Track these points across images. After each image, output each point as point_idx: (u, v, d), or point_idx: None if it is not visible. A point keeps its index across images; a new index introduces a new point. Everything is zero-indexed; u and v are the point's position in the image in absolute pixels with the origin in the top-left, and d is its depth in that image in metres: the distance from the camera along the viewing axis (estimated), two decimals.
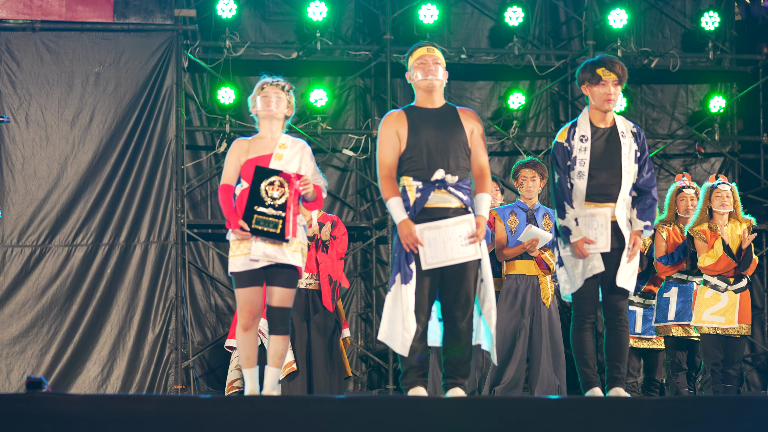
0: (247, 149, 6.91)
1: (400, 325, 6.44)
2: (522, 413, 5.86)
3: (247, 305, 6.81)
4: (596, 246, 6.95)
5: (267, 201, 6.76)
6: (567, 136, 6.98)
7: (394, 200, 6.51)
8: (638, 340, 9.58)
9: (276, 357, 6.85)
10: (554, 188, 6.98)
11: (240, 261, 6.78)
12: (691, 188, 9.40)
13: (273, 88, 6.94)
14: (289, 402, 6.06)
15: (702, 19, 12.90)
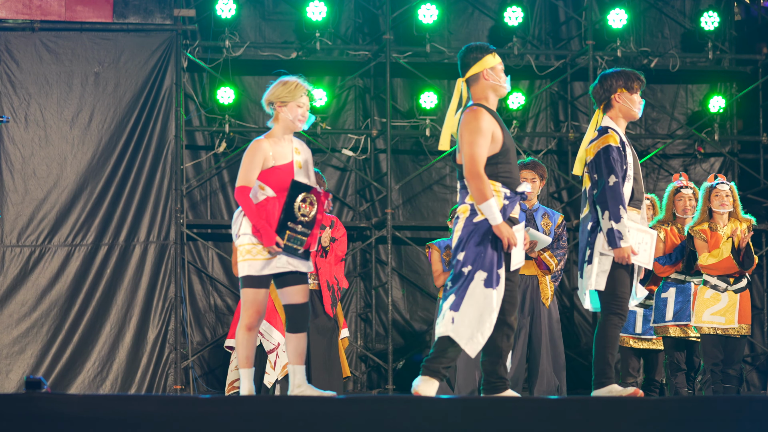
0: (270, 154, 6.85)
1: (477, 325, 6.41)
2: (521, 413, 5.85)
3: (255, 305, 6.82)
4: (638, 258, 7.03)
5: (298, 218, 6.79)
6: (619, 140, 7.01)
7: (493, 200, 6.49)
8: (638, 341, 9.58)
9: (301, 355, 6.88)
10: (607, 191, 6.94)
11: (260, 265, 6.78)
12: (688, 188, 9.39)
13: (307, 100, 6.94)
14: (289, 402, 6.06)
15: (701, 19, 12.89)
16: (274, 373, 9.01)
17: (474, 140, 6.51)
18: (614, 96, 7.14)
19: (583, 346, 12.76)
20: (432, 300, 12.26)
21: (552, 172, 12.93)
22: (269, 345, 9.05)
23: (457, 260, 6.53)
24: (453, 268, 6.56)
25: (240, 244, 6.84)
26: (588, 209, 7.06)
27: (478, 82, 6.68)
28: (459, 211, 6.64)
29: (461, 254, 6.52)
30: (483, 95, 6.67)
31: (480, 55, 6.67)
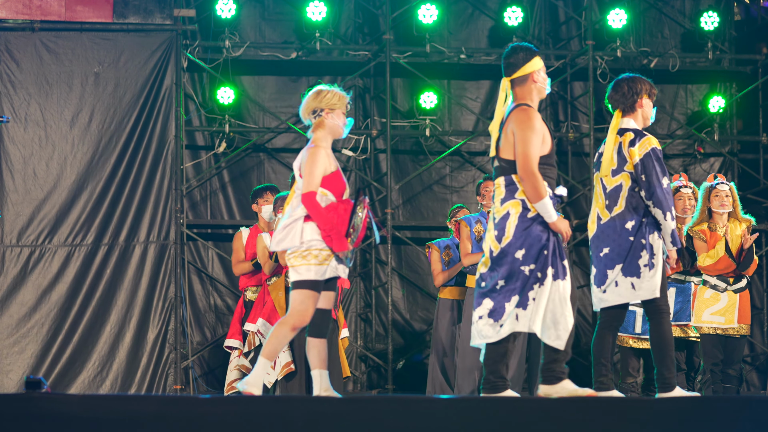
0: (328, 160, 6.96)
1: (560, 318, 6.50)
2: (521, 413, 5.86)
3: (312, 308, 6.82)
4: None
5: (355, 224, 6.91)
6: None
7: (548, 199, 6.56)
8: (638, 341, 9.58)
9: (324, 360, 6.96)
10: (663, 192, 7.00)
11: (323, 270, 6.81)
12: (688, 188, 9.39)
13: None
14: (288, 402, 6.06)
15: (701, 19, 12.89)
16: (274, 373, 9.01)
17: (529, 139, 6.57)
18: (640, 100, 7.17)
19: (583, 346, 12.75)
20: (432, 300, 12.26)
21: None
22: None
23: (514, 258, 6.55)
24: (502, 265, 6.56)
25: (307, 249, 6.82)
26: (622, 208, 7.05)
27: (526, 84, 6.72)
28: (507, 207, 6.63)
29: (519, 252, 6.55)
30: (528, 96, 6.73)
31: (530, 56, 6.72)
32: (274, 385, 9.04)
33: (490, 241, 6.62)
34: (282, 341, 6.85)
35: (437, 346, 9.89)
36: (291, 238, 6.82)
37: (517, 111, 6.67)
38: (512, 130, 6.61)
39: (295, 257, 6.81)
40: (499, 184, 6.67)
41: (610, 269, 7.03)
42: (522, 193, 6.58)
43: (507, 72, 6.74)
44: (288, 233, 6.84)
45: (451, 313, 9.90)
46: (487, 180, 9.80)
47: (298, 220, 6.82)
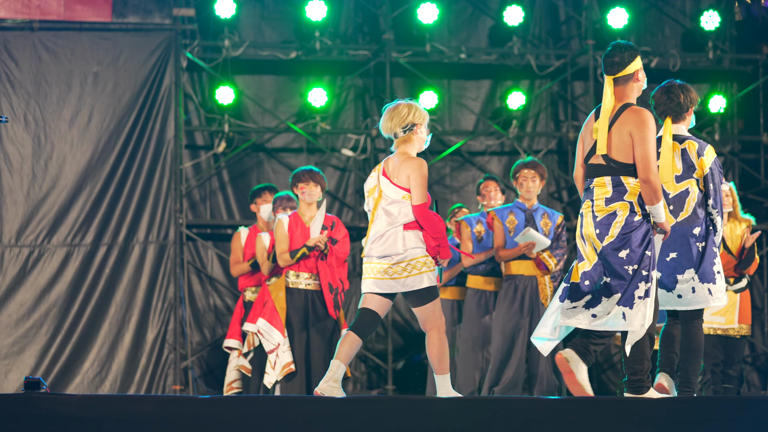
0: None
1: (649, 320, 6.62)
2: (521, 413, 5.85)
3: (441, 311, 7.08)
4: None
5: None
6: None
7: (663, 203, 6.67)
8: None
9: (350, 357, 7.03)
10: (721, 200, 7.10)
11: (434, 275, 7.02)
12: None
13: None
14: (288, 402, 6.05)
15: (702, 18, 12.88)
16: (274, 373, 9.00)
17: (649, 140, 6.64)
18: (690, 110, 7.22)
19: None
20: None
21: (552, 172, 12.92)
22: (269, 345, 9.03)
23: (619, 257, 6.63)
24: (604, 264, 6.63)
25: (412, 258, 6.97)
26: (688, 214, 7.07)
27: (629, 83, 6.82)
28: (614, 208, 6.68)
29: (623, 252, 6.64)
30: (630, 95, 6.81)
31: (634, 54, 6.86)
32: (274, 385, 9.02)
33: (590, 238, 6.69)
34: (445, 348, 7.00)
35: None
36: (391, 245, 6.98)
37: (632, 112, 6.72)
38: (629, 132, 6.66)
39: (403, 268, 6.98)
40: (604, 183, 6.70)
41: (680, 274, 7.06)
42: (631, 195, 6.66)
43: (611, 70, 6.85)
44: (387, 241, 7.00)
45: (451, 314, 9.88)
46: (487, 180, 9.78)
47: (398, 228, 6.98)
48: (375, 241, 7.01)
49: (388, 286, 6.96)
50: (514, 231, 9.14)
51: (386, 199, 7.02)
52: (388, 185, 7.02)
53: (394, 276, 6.93)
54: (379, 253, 6.98)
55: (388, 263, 6.94)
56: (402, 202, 6.98)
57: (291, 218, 9.18)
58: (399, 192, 6.99)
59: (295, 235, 9.13)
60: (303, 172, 9.24)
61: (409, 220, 6.97)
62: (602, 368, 12.70)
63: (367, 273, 7.03)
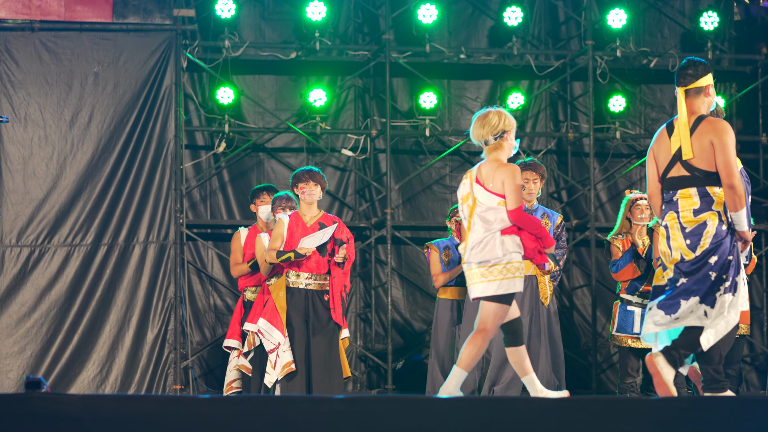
0: None
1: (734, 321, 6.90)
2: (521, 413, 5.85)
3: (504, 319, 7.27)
4: None
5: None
6: None
7: (746, 210, 6.90)
8: (637, 340, 9.58)
9: (528, 367, 7.29)
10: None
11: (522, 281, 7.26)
12: None
13: None
14: (288, 402, 6.06)
15: (701, 19, 12.90)
16: (274, 372, 9.00)
17: (730, 147, 6.83)
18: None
19: (583, 346, 12.75)
20: (431, 300, 12.26)
21: (551, 172, 12.93)
22: (270, 345, 9.04)
23: (707, 263, 6.86)
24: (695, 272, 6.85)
25: (508, 262, 7.18)
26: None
27: (700, 95, 6.98)
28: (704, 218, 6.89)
29: (713, 258, 6.87)
30: (701, 108, 6.97)
31: (707, 70, 7.02)
32: (274, 385, 9.03)
33: (680, 250, 6.87)
34: (481, 351, 7.19)
35: (437, 347, 9.89)
36: (490, 250, 7.18)
37: (709, 122, 6.90)
38: (710, 140, 6.83)
39: (499, 270, 7.16)
40: (691, 194, 6.88)
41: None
42: (718, 205, 6.87)
43: (684, 82, 6.99)
44: (486, 247, 7.20)
45: (451, 314, 9.89)
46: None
47: (495, 234, 7.20)
48: (474, 248, 7.24)
49: (483, 288, 7.19)
50: None
51: (481, 206, 7.27)
52: (483, 192, 7.27)
53: (490, 278, 7.16)
54: (479, 259, 7.21)
55: (486, 267, 7.17)
56: (498, 208, 7.20)
57: (292, 218, 9.19)
58: (494, 198, 7.22)
59: (294, 235, 9.13)
60: (303, 172, 9.24)
61: (506, 225, 7.19)
62: (602, 368, 12.71)
63: (470, 279, 7.27)
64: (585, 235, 12.62)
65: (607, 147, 13.06)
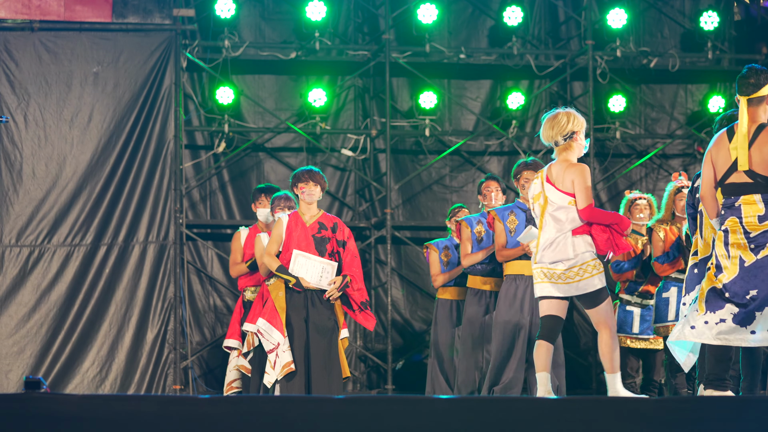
0: None
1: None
2: (521, 413, 5.85)
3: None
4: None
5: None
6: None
7: None
8: (636, 341, 9.58)
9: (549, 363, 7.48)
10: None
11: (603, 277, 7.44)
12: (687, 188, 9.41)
13: None
14: (288, 402, 6.06)
15: (701, 18, 12.90)
16: (273, 373, 8.99)
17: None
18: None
19: (583, 346, 12.75)
20: (431, 300, 12.25)
21: None
22: (269, 345, 9.02)
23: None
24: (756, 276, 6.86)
25: (582, 262, 7.34)
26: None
27: (761, 104, 7.00)
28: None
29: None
30: (762, 116, 7.00)
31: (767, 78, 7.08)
32: (273, 385, 9.03)
33: (741, 252, 6.90)
34: (616, 347, 7.43)
35: (437, 347, 9.88)
36: (562, 251, 7.36)
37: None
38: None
39: (575, 272, 7.36)
40: (754, 201, 6.90)
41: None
42: None
43: (746, 91, 6.99)
44: (558, 247, 7.38)
45: (451, 314, 9.88)
46: (489, 180, 9.76)
47: (567, 234, 7.36)
48: (546, 248, 7.39)
49: (563, 290, 7.36)
50: (515, 231, 9.13)
51: (552, 205, 7.38)
52: (554, 192, 7.37)
53: (568, 280, 7.34)
54: (551, 258, 7.37)
55: (561, 269, 7.34)
56: (569, 207, 7.34)
57: (291, 217, 9.18)
58: (565, 198, 7.34)
59: (293, 234, 9.12)
60: (303, 172, 9.23)
61: (576, 225, 7.34)
62: (602, 368, 12.69)
63: (540, 278, 7.44)
64: None
65: (607, 147, 13.06)
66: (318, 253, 9.12)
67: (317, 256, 9.05)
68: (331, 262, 9.06)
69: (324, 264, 9.06)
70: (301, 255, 9.03)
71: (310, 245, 9.08)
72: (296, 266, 9.01)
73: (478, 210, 9.95)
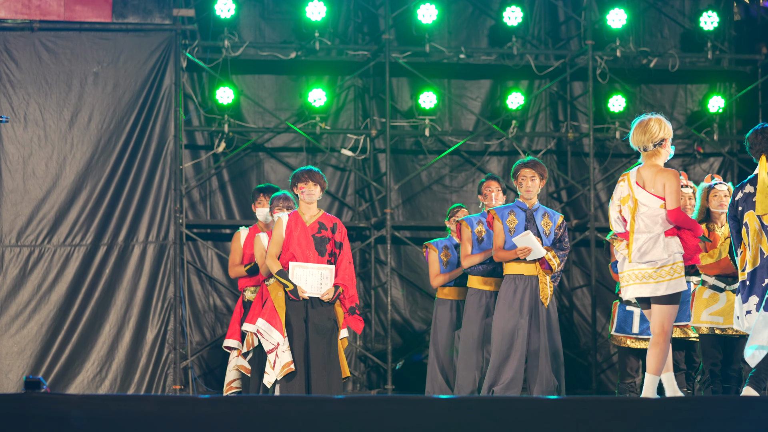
0: None
1: None
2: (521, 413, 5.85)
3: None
4: None
5: None
6: None
7: None
8: (636, 341, 9.58)
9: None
10: None
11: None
12: (688, 188, 9.40)
13: None
14: (288, 402, 6.06)
15: (701, 18, 12.90)
16: (273, 372, 8.99)
17: None
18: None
19: (582, 346, 12.75)
20: (431, 300, 12.25)
21: (551, 172, 12.93)
22: (269, 345, 9.03)
23: None
24: None
25: (674, 263, 7.60)
26: None
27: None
28: None
29: None
30: None
31: None
32: (273, 385, 9.03)
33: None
34: (666, 352, 7.68)
35: (436, 347, 9.88)
36: (655, 251, 7.61)
37: None
38: None
39: (666, 271, 7.62)
40: None
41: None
42: None
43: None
44: (650, 247, 7.63)
45: (450, 314, 9.87)
46: (489, 180, 9.76)
47: (659, 235, 7.62)
48: (638, 250, 7.63)
49: (652, 289, 7.59)
50: (515, 231, 9.12)
51: (643, 208, 7.64)
52: (645, 194, 7.65)
53: (659, 279, 7.58)
54: (644, 259, 7.61)
55: (653, 268, 7.59)
56: (660, 210, 7.60)
57: (291, 217, 9.18)
58: (656, 201, 7.61)
59: (294, 234, 9.12)
60: (302, 172, 9.23)
61: (668, 227, 7.60)
62: (602, 368, 12.70)
63: (630, 279, 7.68)
64: (585, 235, 12.62)
65: (606, 147, 13.06)
66: (318, 253, 9.13)
67: (314, 264, 9.05)
68: (328, 266, 9.06)
69: (322, 270, 9.07)
70: (297, 266, 9.04)
71: (309, 245, 9.09)
72: (294, 278, 9.01)
73: (478, 210, 9.95)
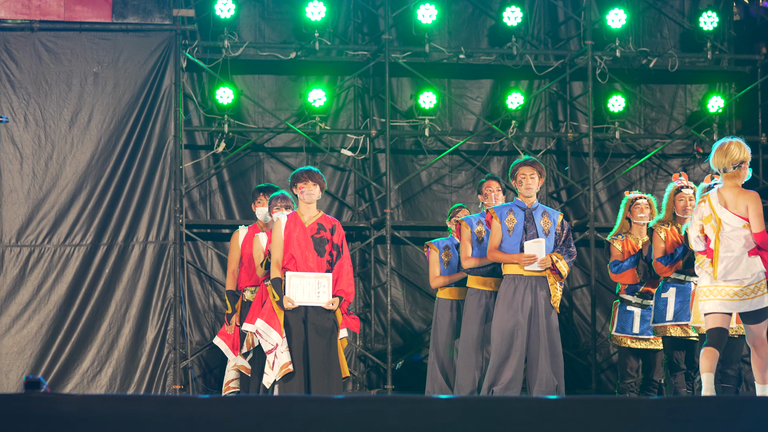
0: None
1: None
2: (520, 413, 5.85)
3: None
4: None
5: None
6: None
7: None
8: (636, 341, 9.58)
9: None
10: None
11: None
12: (689, 188, 9.41)
13: None
14: (288, 402, 6.06)
15: (700, 19, 12.90)
16: (272, 373, 9.00)
17: None
18: None
19: (582, 346, 12.75)
20: (431, 300, 12.25)
21: (551, 172, 12.93)
22: (268, 345, 9.03)
23: None
24: None
25: (758, 281, 7.97)
26: None
27: None
28: None
29: None
30: None
31: None
32: (272, 385, 9.03)
33: None
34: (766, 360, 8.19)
35: (436, 346, 9.88)
36: (739, 270, 7.97)
37: None
38: None
39: (751, 290, 7.99)
40: None
41: None
42: None
43: None
44: (735, 266, 7.97)
45: (450, 313, 9.87)
46: (489, 179, 9.77)
47: (743, 254, 7.99)
48: (723, 267, 7.98)
49: (736, 306, 7.97)
50: (513, 230, 9.12)
51: (727, 227, 8.00)
52: (728, 215, 8.00)
53: (744, 297, 7.96)
54: (729, 277, 7.96)
55: (739, 286, 7.95)
56: (743, 230, 7.95)
57: (290, 218, 9.18)
58: (740, 221, 7.97)
59: (293, 235, 9.12)
60: (302, 172, 9.24)
61: (751, 246, 7.95)
62: (602, 368, 12.71)
63: (713, 294, 8.00)
64: (584, 235, 12.62)
65: (606, 147, 13.06)
66: (317, 253, 9.13)
67: (311, 272, 9.05)
68: (325, 274, 9.06)
69: (319, 278, 9.06)
70: (294, 276, 9.05)
71: (309, 246, 9.09)
72: (291, 288, 9.01)
73: (478, 210, 9.95)
